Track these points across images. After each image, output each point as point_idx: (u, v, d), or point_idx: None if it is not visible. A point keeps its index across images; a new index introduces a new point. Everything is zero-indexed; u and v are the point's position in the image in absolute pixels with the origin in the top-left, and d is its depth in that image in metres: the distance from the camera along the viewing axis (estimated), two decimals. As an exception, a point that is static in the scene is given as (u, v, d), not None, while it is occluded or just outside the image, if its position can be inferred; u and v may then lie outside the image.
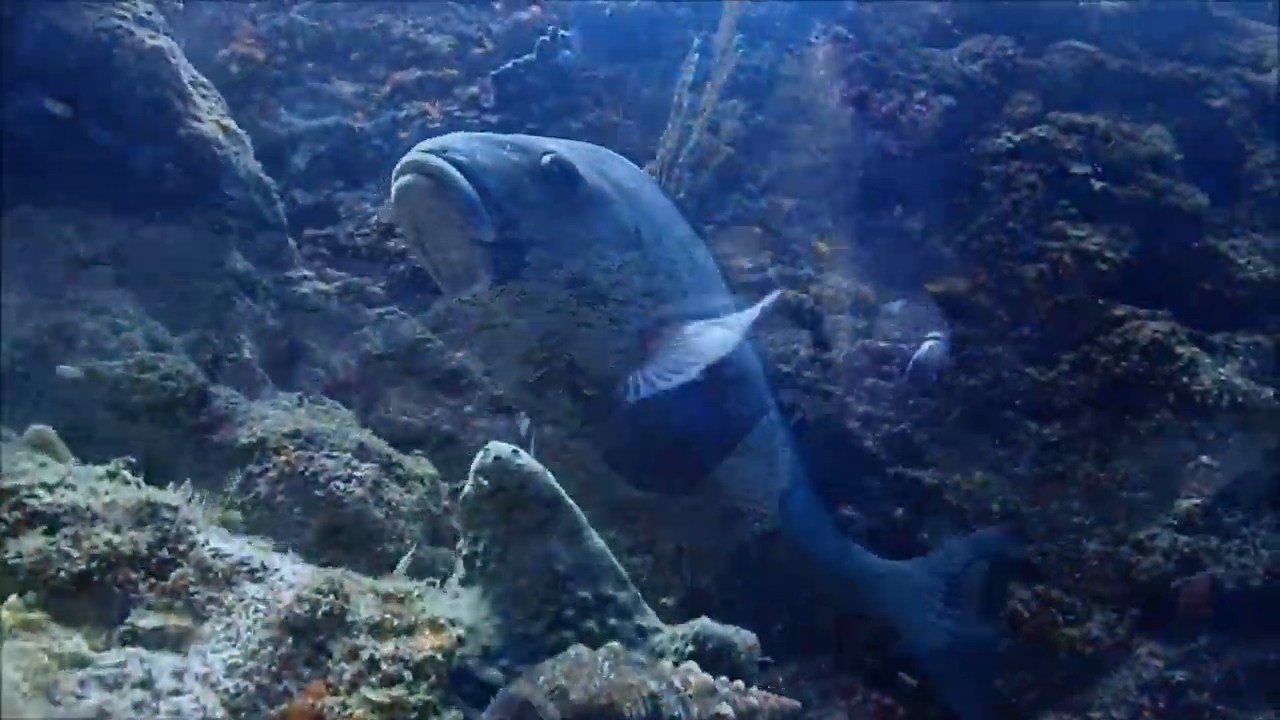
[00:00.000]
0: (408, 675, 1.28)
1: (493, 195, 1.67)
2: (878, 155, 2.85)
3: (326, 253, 2.77)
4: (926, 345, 2.70)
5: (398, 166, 1.74)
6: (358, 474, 1.94)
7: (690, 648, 1.49)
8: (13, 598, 1.16)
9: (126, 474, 1.37)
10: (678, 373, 1.75)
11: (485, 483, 1.46)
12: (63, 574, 1.21)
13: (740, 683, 1.40)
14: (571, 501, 1.51)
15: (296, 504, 1.87)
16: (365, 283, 2.68)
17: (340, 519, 1.89)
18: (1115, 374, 2.77)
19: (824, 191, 2.91)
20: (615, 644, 1.39)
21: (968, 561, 2.46)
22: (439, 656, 1.32)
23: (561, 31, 3.08)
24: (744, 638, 1.55)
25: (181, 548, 1.29)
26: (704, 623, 1.54)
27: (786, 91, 3.01)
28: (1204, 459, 2.76)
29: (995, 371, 2.75)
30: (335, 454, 1.91)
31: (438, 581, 1.50)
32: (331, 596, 1.29)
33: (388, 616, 1.33)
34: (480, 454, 1.48)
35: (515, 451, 1.47)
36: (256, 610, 1.26)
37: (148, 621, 1.22)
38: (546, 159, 1.78)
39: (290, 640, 1.25)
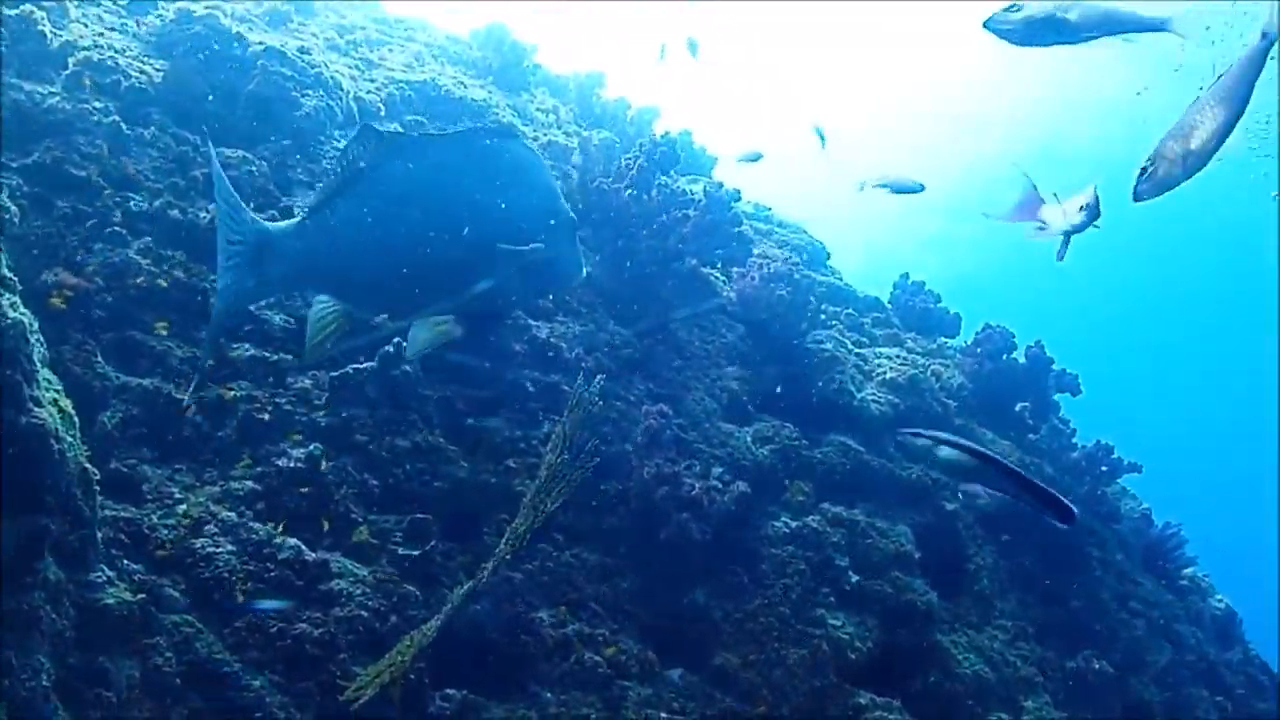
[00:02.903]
0: None
1: None
2: (680, 537, 3.12)
3: (126, 540, 2.67)
4: None
5: None
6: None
7: None
8: None
9: None
10: None
11: None
12: None
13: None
14: None
15: None
16: (164, 584, 2.60)
17: None
18: (857, 767, 3.07)
19: (629, 564, 3.14)
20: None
21: None
22: None
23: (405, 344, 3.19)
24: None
25: None
26: None
27: (610, 450, 3.25)
28: None
29: (756, 753, 2.99)
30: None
31: None
32: None
33: None
34: None
35: None
36: None
37: None
38: None
39: None
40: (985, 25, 2.56)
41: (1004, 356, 4.53)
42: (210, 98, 3.98)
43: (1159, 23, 2.43)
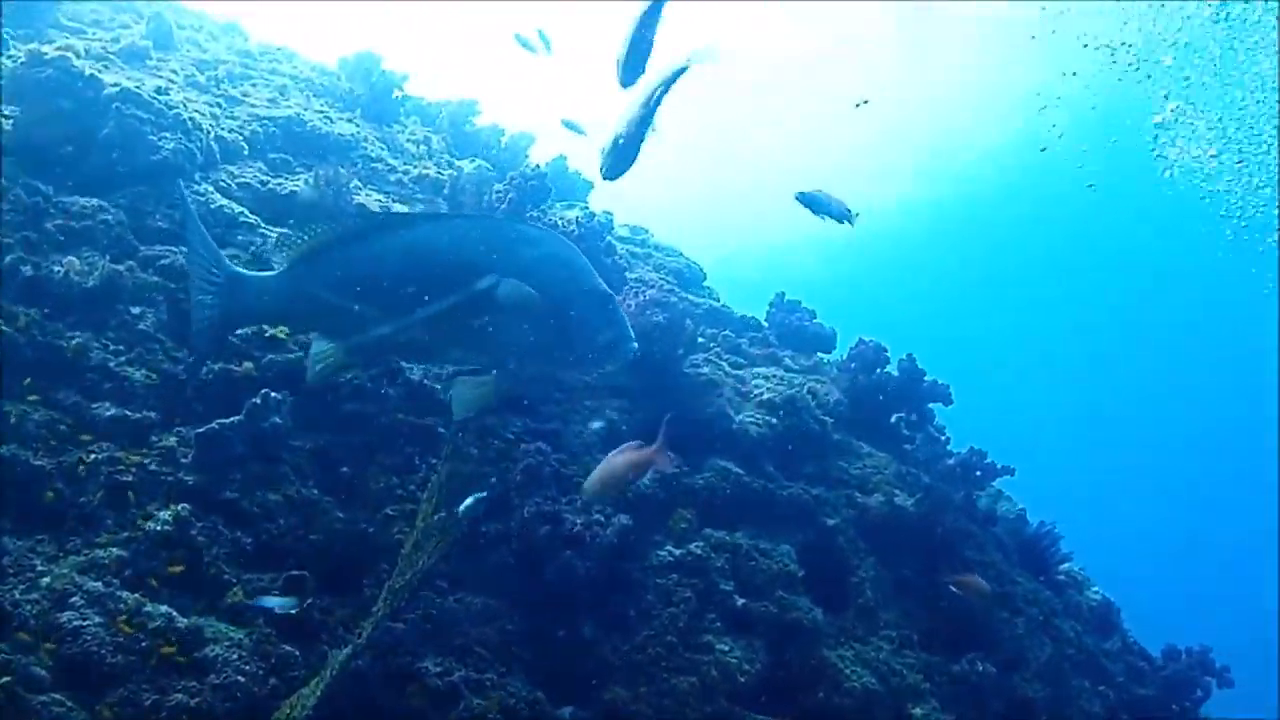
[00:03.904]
0: None
1: None
2: (565, 572, 3.12)
3: (-15, 616, 2.56)
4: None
5: None
6: None
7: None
8: None
9: None
10: None
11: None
12: None
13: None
14: None
15: None
16: (29, 663, 2.49)
17: None
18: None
19: (514, 605, 3.13)
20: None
21: None
22: None
23: (274, 394, 3.13)
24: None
25: None
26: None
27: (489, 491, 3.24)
28: None
29: (647, 787, 3.00)
30: None
31: None
32: None
33: None
34: None
35: None
36: None
37: None
38: None
39: None
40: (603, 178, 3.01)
41: (877, 370, 4.65)
42: (63, 144, 3.86)
43: (676, 73, 2.81)
